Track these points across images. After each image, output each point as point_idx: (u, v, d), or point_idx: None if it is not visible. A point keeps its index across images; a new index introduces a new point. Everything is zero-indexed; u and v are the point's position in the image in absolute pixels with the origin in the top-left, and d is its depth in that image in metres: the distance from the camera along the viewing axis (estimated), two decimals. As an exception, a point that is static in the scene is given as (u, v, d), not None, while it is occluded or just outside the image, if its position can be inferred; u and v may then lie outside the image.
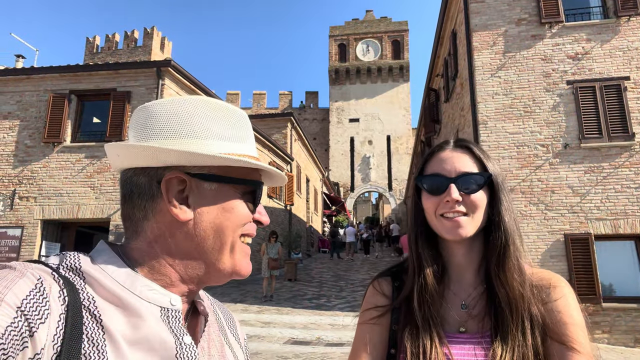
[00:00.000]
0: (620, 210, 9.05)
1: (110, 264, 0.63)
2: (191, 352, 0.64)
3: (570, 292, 0.94)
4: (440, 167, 0.99)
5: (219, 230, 0.67)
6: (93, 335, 0.56)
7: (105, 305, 0.59)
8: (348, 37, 43.82)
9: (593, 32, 10.01)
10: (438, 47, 14.69)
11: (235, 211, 0.69)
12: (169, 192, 0.65)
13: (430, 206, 0.98)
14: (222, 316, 0.83)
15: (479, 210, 0.96)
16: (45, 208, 11.34)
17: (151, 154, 0.65)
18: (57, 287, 0.56)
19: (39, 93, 12.09)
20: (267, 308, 10.33)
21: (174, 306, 0.65)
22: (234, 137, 0.71)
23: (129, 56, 50.61)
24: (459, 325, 0.95)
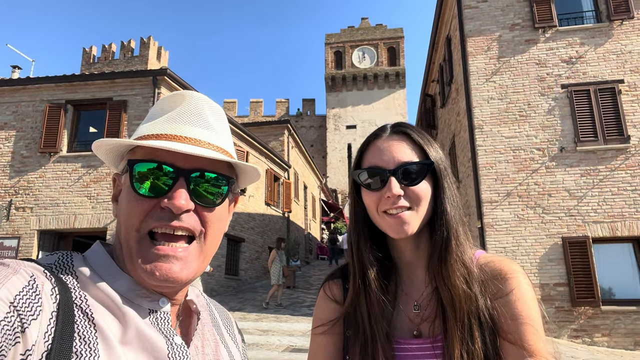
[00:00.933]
0: (617, 213, 9.06)
1: (103, 265, 0.64)
2: (182, 352, 0.64)
3: (525, 282, 0.84)
4: (377, 158, 0.89)
5: (121, 223, 0.67)
6: (85, 334, 0.56)
7: (96, 305, 0.59)
8: (344, 45, 44.08)
9: (586, 36, 10.07)
10: (433, 53, 14.77)
11: (128, 201, 0.66)
12: (113, 191, 0.71)
13: (370, 203, 0.89)
14: (219, 316, 0.83)
15: (423, 202, 0.87)
16: (41, 218, 11.29)
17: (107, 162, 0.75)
18: (49, 285, 0.56)
19: (35, 103, 12.09)
20: (265, 316, 10.28)
21: (162, 308, 0.66)
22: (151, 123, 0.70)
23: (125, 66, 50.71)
24: (412, 328, 0.87)
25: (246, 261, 16.05)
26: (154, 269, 0.62)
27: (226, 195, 0.70)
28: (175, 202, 0.62)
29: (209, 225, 0.67)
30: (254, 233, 16.86)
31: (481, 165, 9.70)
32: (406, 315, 0.89)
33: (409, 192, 0.86)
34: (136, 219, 0.63)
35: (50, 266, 0.61)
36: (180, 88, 12.18)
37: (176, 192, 0.63)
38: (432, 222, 0.89)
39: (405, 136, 0.91)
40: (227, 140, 0.73)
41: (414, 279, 0.92)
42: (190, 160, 0.65)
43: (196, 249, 0.66)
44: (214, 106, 0.73)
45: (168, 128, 0.67)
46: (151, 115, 0.72)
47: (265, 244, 17.99)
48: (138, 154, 0.67)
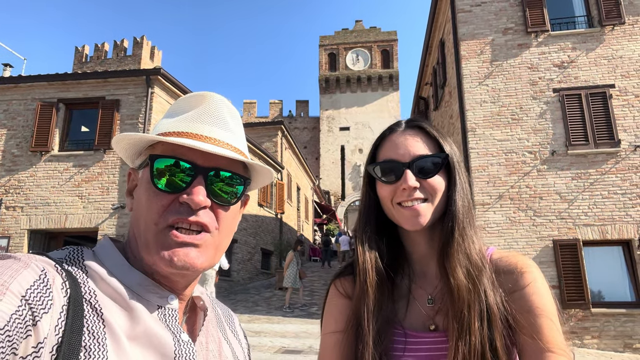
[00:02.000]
0: (607, 216, 9.15)
1: (112, 260, 0.65)
2: (189, 349, 0.65)
3: (540, 277, 0.85)
4: (393, 151, 0.90)
5: (139, 217, 0.68)
6: (94, 328, 0.57)
7: (106, 299, 0.60)
8: (338, 47, 44.15)
9: (578, 41, 10.17)
10: (427, 56, 14.84)
11: (148, 196, 0.67)
12: (128, 185, 0.72)
13: (385, 195, 0.90)
14: (222, 313, 0.84)
15: (437, 194, 0.88)
16: (32, 218, 11.19)
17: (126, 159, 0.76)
18: (59, 279, 0.57)
19: (27, 102, 11.98)
20: (257, 317, 10.25)
21: (171, 305, 0.67)
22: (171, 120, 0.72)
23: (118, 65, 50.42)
24: (427, 322, 0.87)
25: (238, 262, 16.01)
26: (172, 255, 0.64)
27: (241, 195, 0.72)
28: (194, 198, 0.64)
29: (223, 223, 0.69)
30: (247, 234, 16.82)
31: (473, 167, 9.75)
32: (421, 308, 0.89)
33: (424, 185, 0.88)
34: (155, 213, 0.65)
35: (61, 260, 0.62)
36: (173, 88, 12.14)
37: (195, 188, 0.65)
38: (445, 215, 0.90)
39: (420, 130, 0.93)
40: (242, 142, 0.76)
41: (427, 273, 0.92)
42: (209, 159, 0.67)
43: (211, 240, 0.68)
44: (231, 108, 0.76)
45: (189, 127, 0.69)
46: (171, 113, 0.74)
47: (258, 245, 17.95)
48: (158, 150, 0.68)
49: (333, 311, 0.94)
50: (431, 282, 0.91)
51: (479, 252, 0.87)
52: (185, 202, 0.65)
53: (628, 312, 8.60)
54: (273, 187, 20.02)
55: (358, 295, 0.89)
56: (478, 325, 0.79)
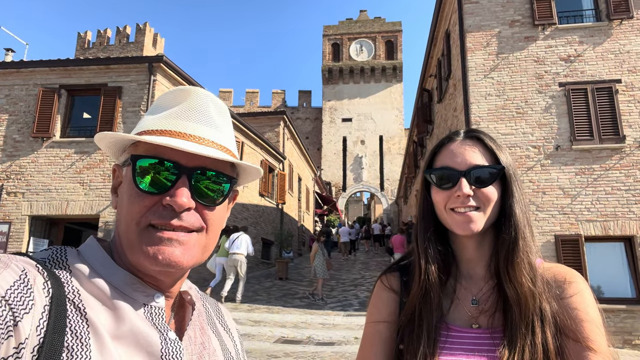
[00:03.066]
0: (610, 212, 9.11)
1: (97, 259, 0.64)
2: (176, 347, 0.64)
3: (587, 288, 0.90)
4: (450, 159, 0.95)
5: (122, 216, 0.66)
6: (77, 328, 0.55)
7: (90, 299, 0.59)
8: (342, 37, 43.84)
9: (585, 35, 10.06)
10: (432, 48, 14.71)
11: (130, 196, 0.65)
12: (113, 182, 0.71)
13: (440, 200, 0.95)
14: (211, 308, 0.83)
15: (490, 204, 0.92)
16: (33, 204, 11.19)
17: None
18: (41, 279, 0.56)
19: (29, 87, 11.93)
20: (257, 307, 10.28)
21: (157, 303, 0.66)
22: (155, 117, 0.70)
23: (120, 52, 50.20)
24: (471, 320, 0.92)
25: (239, 252, 16.02)
26: (157, 253, 0.62)
27: (227, 194, 0.70)
28: (177, 200, 0.62)
29: (209, 223, 0.68)
30: (247, 224, 16.82)
31: (477, 161, 9.70)
32: (464, 308, 0.94)
33: (478, 194, 0.92)
34: (137, 213, 0.63)
35: (44, 260, 0.61)
36: (176, 76, 12.07)
37: (178, 189, 0.63)
38: (497, 223, 0.95)
39: (478, 141, 0.97)
40: (230, 139, 0.73)
41: (473, 276, 0.97)
42: (193, 158, 0.65)
43: (197, 239, 0.66)
44: (218, 103, 0.73)
45: (172, 124, 0.67)
46: (154, 109, 0.71)
47: (259, 234, 17.97)
48: (141, 149, 0.66)
49: (377, 303, 1.02)
50: (476, 284, 0.96)
51: (533, 261, 0.92)
52: (168, 204, 0.63)
53: (628, 308, 8.60)
54: (274, 177, 20.00)
55: (416, 293, 0.94)
56: (540, 329, 0.85)
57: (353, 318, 9.22)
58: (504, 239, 0.92)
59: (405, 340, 0.93)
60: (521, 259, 0.89)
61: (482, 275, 0.96)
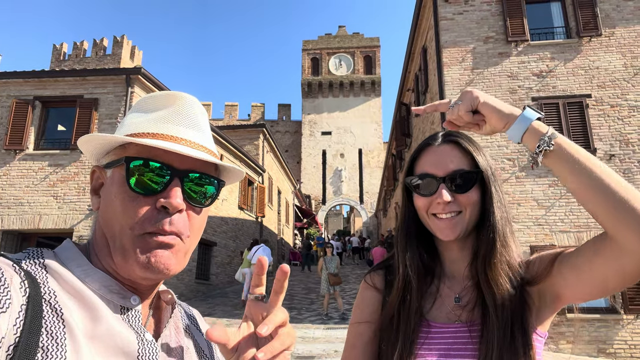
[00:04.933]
0: (583, 223, 9.33)
1: (74, 260, 0.64)
2: (152, 348, 0.64)
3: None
4: (429, 165, 0.96)
5: (108, 219, 0.66)
6: (52, 329, 0.55)
7: (66, 300, 0.59)
8: (321, 52, 44.28)
9: (557, 51, 10.40)
10: (409, 63, 14.98)
11: (119, 199, 0.65)
12: (91, 185, 0.71)
13: (421, 206, 0.97)
14: (184, 309, 0.84)
15: (470, 207, 0.94)
16: (4, 218, 10.86)
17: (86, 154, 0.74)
18: (18, 279, 0.56)
19: (2, 98, 11.66)
20: (236, 321, 10.14)
21: (134, 304, 0.66)
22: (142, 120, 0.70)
23: (97, 64, 49.61)
24: (452, 318, 0.94)
25: (217, 266, 15.83)
26: (150, 259, 0.63)
27: (215, 197, 0.72)
28: (172, 201, 0.64)
29: (194, 227, 0.69)
30: (227, 237, 16.66)
31: (454, 173, 9.85)
32: (447, 306, 0.96)
33: (458, 198, 0.93)
34: (130, 217, 0.63)
35: (20, 260, 0.60)
36: (154, 88, 11.97)
37: (172, 190, 0.64)
38: (479, 224, 0.96)
39: (456, 144, 0.98)
40: (212, 141, 0.75)
41: (456, 275, 0.99)
42: (184, 161, 0.67)
43: (182, 245, 0.67)
44: (201, 107, 0.75)
45: (163, 128, 0.68)
46: (140, 111, 0.72)
47: (238, 248, 17.79)
48: (131, 150, 0.67)
49: (360, 303, 1.03)
50: (459, 283, 0.98)
51: (516, 259, 0.95)
52: (162, 206, 0.64)
53: (602, 317, 8.77)
54: (254, 191, 19.90)
55: (394, 296, 0.96)
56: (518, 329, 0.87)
57: (333, 331, 9.17)
58: (481, 241, 0.94)
59: (384, 340, 0.95)
60: (499, 259, 0.91)
61: (466, 274, 0.97)
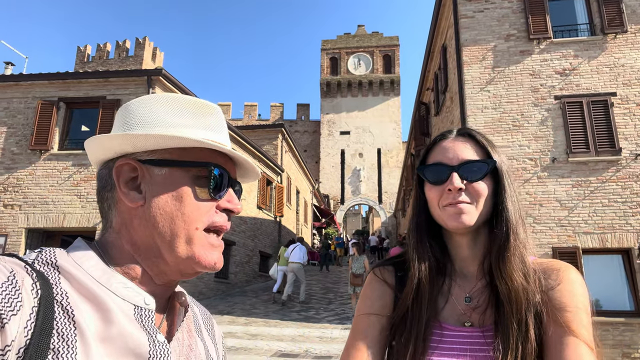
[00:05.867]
0: (607, 224, 9.12)
1: (87, 260, 0.64)
2: (164, 350, 0.64)
3: (577, 278, 0.89)
4: (442, 155, 0.96)
5: (169, 218, 0.67)
6: (64, 330, 0.55)
7: (78, 300, 0.59)
8: (340, 51, 44.23)
9: (580, 49, 10.17)
10: (428, 62, 14.84)
11: (185, 199, 0.67)
12: (119, 179, 0.68)
13: (433, 197, 0.95)
14: (199, 313, 0.83)
15: (482, 198, 0.92)
16: (30, 216, 11.15)
17: (99, 145, 0.69)
18: (30, 281, 0.56)
19: (27, 100, 11.97)
20: (254, 320, 10.20)
21: (148, 305, 0.66)
22: (195, 125, 0.71)
23: (119, 66, 50.50)
24: (463, 318, 0.92)
25: (236, 265, 15.96)
26: (207, 256, 0.68)
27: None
28: (237, 207, 0.71)
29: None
30: (245, 237, 16.78)
31: (474, 173, 9.72)
32: (457, 306, 0.94)
33: (469, 188, 0.92)
34: (199, 218, 0.67)
35: (33, 261, 0.61)
36: (174, 89, 12.13)
37: (234, 196, 0.72)
38: (490, 221, 0.95)
39: (470, 137, 0.98)
40: None
41: (467, 274, 0.97)
42: (231, 168, 0.73)
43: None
44: None
45: (220, 138, 0.73)
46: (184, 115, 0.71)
47: (256, 247, 17.90)
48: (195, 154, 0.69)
49: (370, 295, 1.00)
50: (470, 282, 0.96)
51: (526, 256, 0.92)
52: (228, 209, 0.71)
53: (627, 321, 8.56)
54: (272, 190, 19.99)
55: (408, 291, 0.94)
56: (533, 325, 0.85)
57: (351, 331, 9.15)
58: (496, 235, 0.92)
59: (396, 338, 0.93)
60: (513, 254, 0.89)
61: (476, 273, 0.95)
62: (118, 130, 0.71)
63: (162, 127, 0.69)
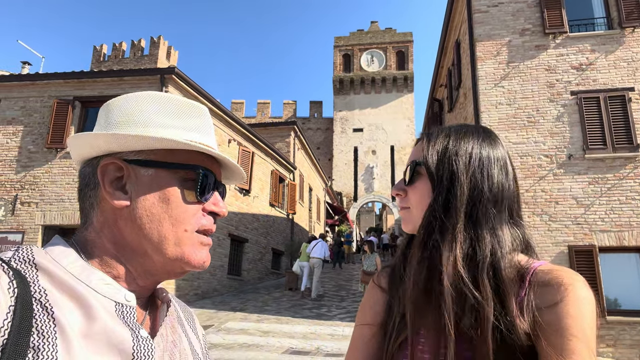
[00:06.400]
0: (624, 222, 8.94)
1: (66, 257, 0.63)
2: (148, 345, 0.64)
3: (582, 293, 0.73)
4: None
5: (156, 220, 0.66)
6: (43, 328, 0.55)
7: (58, 298, 0.58)
8: (352, 48, 44.02)
9: (597, 43, 9.97)
10: (442, 58, 14.70)
11: (173, 202, 0.67)
12: (104, 178, 0.67)
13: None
14: (180, 309, 0.82)
15: (415, 202, 0.85)
16: (46, 214, 11.33)
17: (85, 142, 0.68)
18: (6, 279, 0.55)
19: (43, 99, 12.15)
20: (266, 317, 10.23)
21: (129, 302, 0.65)
22: (182, 126, 0.70)
23: (135, 65, 51.02)
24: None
25: (249, 262, 16.03)
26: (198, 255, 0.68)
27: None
28: (223, 209, 0.72)
29: None
30: (258, 234, 16.84)
31: (488, 170, 9.61)
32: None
33: (408, 192, 0.88)
34: (187, 220, 0.68)
35: (9, 259, 0.60)
36: (188, 87, 12.20)
37: (219, 199, 0.72)
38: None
39: (425, 137, 0.90)
40: None
41: None
42: (217, 170, 0.73)
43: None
44: None
45: (207, 139, 0.72)
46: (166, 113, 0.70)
47: (269, 245, 17.96)
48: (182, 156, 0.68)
49: (365, 304, 0.97)
50: None
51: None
52: (213, 212, 0.71)
53: (645, 321, 8.39)
54: (285, 188, 20.03)
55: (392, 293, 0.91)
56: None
57: (363, 329, 9.12)
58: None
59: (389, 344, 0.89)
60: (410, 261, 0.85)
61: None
62: (102, 129, 0.70)
63: (151, 128, 0.68)
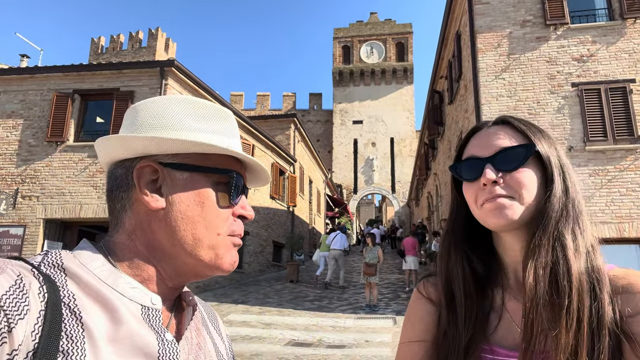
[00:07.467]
0: (625, 214, 8.97)
1: (93, 261, 0.64)
2: (173, 348, 0.64)
3: None
4: (475, 149, 0.83)
5: (191, 223, 0.67)
6: (72, 332, 0.55)
7: (86, 302, 0.59)
8: (352, 39, 43.80)
9: (598, 34, 9.94)
10: (442, 49, 14.65)
11: (207, 205, 0.68)
12: (140, 181, 0.67)
13: (469, 196, 0.82)
14: (204, 310, 0.84)
15: (524, 189, 0.77)
16: (47, 207, 11.34)
17: (121, 144, 0.68)
18: (37, 284, 0.56)
19: (43, 92, 12.10)
20: (268, 309, 10.29)
21: (155, 305, 0.66)
22: (211, 130, 0.71)
23: (133, 57, 50.73)
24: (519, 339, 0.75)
25: (250, 254, 16.08)
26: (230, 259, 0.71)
27: None
28: (251, 212, 0.73)
29: None
30: (259, 227, 16.87)
31: (488, 163, 9.62)
32: (514, 324, 0.78)
33: (507, 180, 0.77)
34: (220, 224, 0.69)
35: (39, 264, 0.61)
36: (187, 80, 12.16)
37: (246, 202, 0.74)
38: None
39: (507, 125, 0.84)
40: None
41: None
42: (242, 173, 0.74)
43: None
44: None
45: (234, 143, 0.73)
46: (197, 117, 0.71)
47: (270, 237, 18.00)
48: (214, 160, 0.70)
49: (412, 317, 0.87)
50: None
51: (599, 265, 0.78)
52: (243, 215, 0.72)
53: (644, 311, 8.44)
54: (285, 180, 20.03)
55: (444, 311, 0.82)
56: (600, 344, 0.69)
57: (364, 321, 9.19)
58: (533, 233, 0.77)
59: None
60: (538, 245, 0.75)
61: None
62: (129, 131, 0.71)
63: (185, 131, 0.69)
